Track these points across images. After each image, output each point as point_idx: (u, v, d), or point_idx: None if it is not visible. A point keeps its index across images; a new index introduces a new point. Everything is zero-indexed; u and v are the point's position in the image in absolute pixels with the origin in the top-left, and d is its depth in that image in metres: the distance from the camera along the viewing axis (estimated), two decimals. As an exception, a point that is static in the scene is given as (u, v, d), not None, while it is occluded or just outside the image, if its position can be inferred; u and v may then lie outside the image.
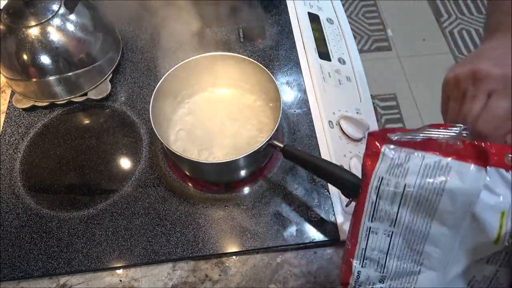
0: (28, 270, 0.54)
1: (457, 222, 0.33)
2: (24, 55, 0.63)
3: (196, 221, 0.57)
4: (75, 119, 0.69)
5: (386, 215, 0.34)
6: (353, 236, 0.37)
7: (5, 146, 0.65)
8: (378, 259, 0.36)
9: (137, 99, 0.70)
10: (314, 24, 0.78)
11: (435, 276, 0.36)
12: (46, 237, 0.56)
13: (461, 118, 0.37)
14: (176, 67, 0.60)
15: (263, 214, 0.57)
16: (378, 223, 0.35)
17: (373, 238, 0.36)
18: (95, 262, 0.54)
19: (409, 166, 0.32)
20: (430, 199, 0.32)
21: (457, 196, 0.31)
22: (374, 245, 0.36)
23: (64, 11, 0.65)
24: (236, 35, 0.78)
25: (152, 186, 0.60)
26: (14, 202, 0.60)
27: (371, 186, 0.34)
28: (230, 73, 0.64)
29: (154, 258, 0.54)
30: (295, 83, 0.71)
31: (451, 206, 0.32)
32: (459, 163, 0.31)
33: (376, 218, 0.35)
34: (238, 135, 0.61)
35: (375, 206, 0.34)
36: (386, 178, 0.33)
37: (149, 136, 0.66)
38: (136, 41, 0.78)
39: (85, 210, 0.59)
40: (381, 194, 0.34)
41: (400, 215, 0.34)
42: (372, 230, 0.35)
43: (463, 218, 0.32)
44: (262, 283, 0.52)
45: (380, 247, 0.36)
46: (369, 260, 0.36)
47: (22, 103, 0.68)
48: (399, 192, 0.33)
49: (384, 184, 0.33)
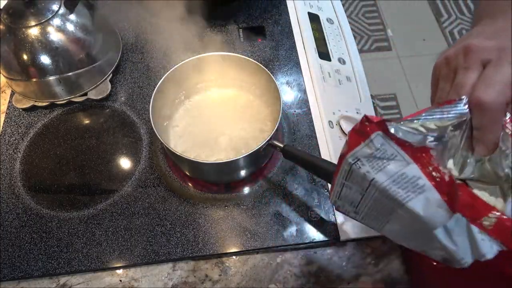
0: (28, 270, 0.54)
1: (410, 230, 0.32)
2: (24, 55, 0.63)
3: (196, 221, 0.57)
4: (75, 119, 0.69)
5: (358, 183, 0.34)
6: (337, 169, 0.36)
7: (5, 146, 0.65)
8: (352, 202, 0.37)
9: (137, 99, 0.70)
10: (314, 24, 0.78)
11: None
12: (46, 237, 0.56)
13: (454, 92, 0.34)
14: (176, 67, 0.60)
15: (263, 214, 0.57)
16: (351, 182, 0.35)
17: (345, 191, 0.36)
18: (95, 262, 0.54)
19: (389, 165, 0.30)
20: (387, 204, 0.31)
21: (412, 218, 0.30)
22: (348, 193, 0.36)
23: (64, 11, 0.65)
24: (236, 35, 0.78)
25: (152, 186, 0.60)
26: (14, 202, 0.60)
27: (346, 161, 0.33)
28: (230, 73, 0.64)
29: (154, 258, 0.54)
30: (295, 83, 0.71)
31: (404, 221, 0.31)
32: (433, 192, 0.29)
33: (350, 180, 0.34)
34: (238, 135, 0.61)
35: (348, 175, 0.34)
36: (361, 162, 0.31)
37: (149, 136, 0.66)
38: (136, 41, 0.78)
39: (85, 210, 0.59)
40: (352, 172, 0.33)
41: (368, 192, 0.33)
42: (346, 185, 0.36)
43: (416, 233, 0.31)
44: (262, 283, 0.52)
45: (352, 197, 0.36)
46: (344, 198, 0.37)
47: (22, 103, 0.68)
48: (366, 180, 0.32)
49: (357, 166, 0.32)
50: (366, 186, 0.32)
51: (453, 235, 0.29)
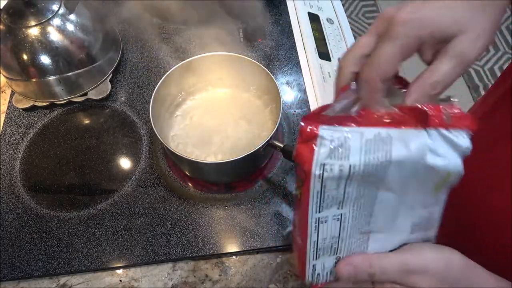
0: (28, 270, 0.54)
1: (403, 186, 0.32)
2: (24, 55, 0.63)
3: (196, 221, 0.57)
4: (75, 119, 0.69)
5: (333, 200, 0.32)
6: (303, 231, 0.34)
7: (5, 146, 0.65)
8: (331, 245, 0.34)
9: (137, 99, 0.70)
10: (314, 24, 0.78)
11: (383, 237, 0.36)
12: (46, 237, 0.56)
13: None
14: (176, 67, 0.60)
15: (263, 214, 0.57)
16: (326, 211, 0.32)
17: (323, 228, 0.33)
18: (95, 262, 0.54)
19: (350, 145, 0.29)
20: (377, 173, 0.30)
21: (405, 163, 0.30)
22: (325, 234, 0.34)
23: (64, 11, 0.65)
24: (236, 35, 0.78)
25: (152, 186, 0.60)
26: (14, 202, 0.60)
27: (314, 176, 0.30)
28: (230, 73, 0.64)
29: (154, 258, 0.54)
30: (295, 83, 0.71)
31: (398, 175, 0.31)
32: (399, 131, 0.30)
33: (324, 206, 0.32)
34: (238, 135, 0.61)
35: (321, 196, 0.31)
36: (329, 163, 0.30)
37: (149, 136, 0.66)
38: (136, 41, 0.78)
39: (85, 210, 0.59)
40: (325, 181, 0.31)
41: (347, 195, 0.32)
42: (321, 220, 0.33)
43: (409, 181, 0.32)
44: (262, 283, 0.52)
45: (332, 233, 0.34)
46: (322, 250, 0.34)
47: (22, 103, 0.69)
48: (344, 174, 0.30)
49: (328, 170, 0.30)
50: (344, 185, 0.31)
51: (438, 152, 0.30)
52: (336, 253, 0.35)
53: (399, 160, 0.30)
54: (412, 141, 0.30)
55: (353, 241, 0.35)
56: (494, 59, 1.93)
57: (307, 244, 0.34)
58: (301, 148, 0.30)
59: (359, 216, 0.33)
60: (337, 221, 0.33)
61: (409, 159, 0.30)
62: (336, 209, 0.32)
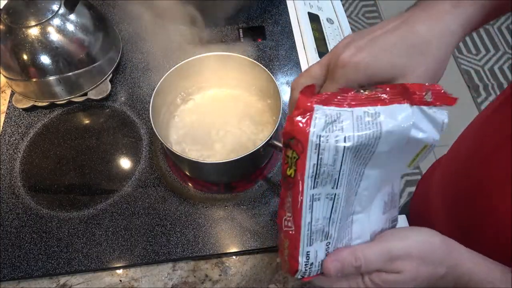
0: (28, 270, 0.54)
1: (387, 160, 0.33)
2: (24, 55, 0.63)
3: (196, 221, 0.57)
4: (75, 119, 0.69)
5: (328, 177, 0.32)
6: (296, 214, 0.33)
7: (5, 146, 0.65)
8: (323, 228, 0.34)
9: (137, 99, 0.70)
10: (314, 24, 0.78)
11: (362, 217, 0.36)
12: (46, 237, 0.56)
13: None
14: (176, 67, 0.60)
15: (263, 214, 0.57)
16: (320, 187, 0.32)
17: (316, 206, 0.33)
18: (95, 262, 0.54)
19: (343, 120, 0.31)
20: (368, 146, 0.31)
21: (394, 134, 0.31)
22: (318, 214, 0.33)
23: (64, 11, 0.65)
24: (236, 35, 0.78)
25: (152, 186, 0.60)
26: (14, 202, 0.60)
27: (311, 146, 0.31)
28: (230, 73, 0.64)
29: (154, 258, 0.54)
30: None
31: (386, 148, 0.32)
32: (385, 107, 0.31)
33: (318, 182, 0.32)
34: (238, 135, 0.61)
35: (317, 170, 0.31)
36: (325, 135, 0.30)
37: (149, 136, 0.66)
38: (136, 41, 0.78)
39: (85, 210, 0.59)
40: (322, 153, 0.31)
41: (342, 173, 0.32)
42: (315, 197, 0.33)
43: (393, 155, 0.33)
44: (262, 283, 0.52)
45: (324, 214, 0.34)
46: (315, 234, 0.34)
47: (22, 103, 0.69)
48: (340, 147, 0.30)
49: (324, 141, 0.30)
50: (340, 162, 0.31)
51: (420, 126, 0.32)
52: (327, 238, 0.35)
53: (388, 130, 0.31)
54: (399, 114, 0.31)
55: (341, 225, 0.35)
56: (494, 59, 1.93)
57: (301, 226, 0.33)
58: (298, 120, 0.31)
59: (349, 197, 0.34)
60: (330, 200, 0.33)
61: (398, 129, 0.31)
62: (331, 188, 0.33)
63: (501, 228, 0.42)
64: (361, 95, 0.32)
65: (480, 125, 0.52)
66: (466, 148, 0.53)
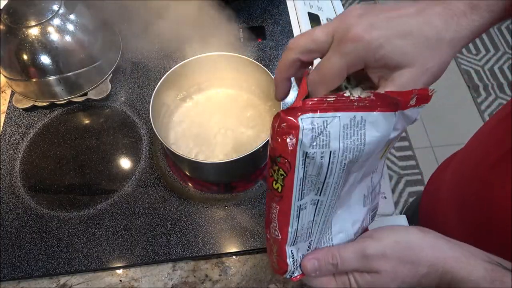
0: (28, 270, 0.54)
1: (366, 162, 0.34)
2: (24, 55, 0.63)
3: (196, 221, 0.57)
4: (75, 119, 0.69)
5: (312, 186, 0.33)
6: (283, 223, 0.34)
7: (5, 146, 0.65)
8: (307, 230, 0.35)
9: (137, 99, 0.70)
10: (314, 24, 0.78)
11: (341, 214, 0.37)
12: (46, 237, 0.56)
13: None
14: (176, 67, 0.60)
15: (263, 214, 0.57)
16: (306, 197, 0.33)
17: (303, 214, 0.34)
18: (95, 262, 0.54)
19: (330, 131, 0.30)
20: (352, 157, 0.32)
21: (375, 144, 0.32)
22: (304, 220, 0.35)
23: (64, 11, 0.65)
24: (236, 35, 0.78)
25: (152, 186, 0.60)
26: (14, 202, 0.60)
27: (298, 164, 0.31)
28: (230, 73, 0.64)
29: (154, 258, 0.54)
30: (295, 83, 0.71)
31: (367, 153, 0.32)
32: (370, 114, 0.31)
33: (304, 194, 0.33)
34: (238, 135, 0.61)
35: (303, 183, 0.32)
36: (311, 152, 0.30)
37: (149, 136, 0.66)
38: (136, 41, 0.78)
39: (85, 210, 0.59)
40: (307, 166, 0.31)
41: (326, 184, 0.33)
42: (301, 207, 0.34)
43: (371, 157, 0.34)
44: (262, 283, 0.52)
45: (309, 218, 0.35)
46: (300, 236, 0.35)
47: (22, 103, 0.69)
48: (325, 162, 0.31)
49: (310, 157, 0.31)
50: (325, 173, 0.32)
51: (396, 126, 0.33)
52: (309, 239, 0.36)
53: (370, 142, 0.31)
54: (382, 123, 0.32)
55: (323, 226, 0.36)
56: (494, 59, 1.93)
57: (288, 233, 0.35)
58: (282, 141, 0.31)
59: (332, 200, 0.35)
60: (314, 205, 0.34)
61: (380, 139, 0.32)
62: (314, 195, 0.34)
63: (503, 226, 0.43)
64: (351, 98, 0.31)
65: (487, 134, 0.52)
66: (474, 155, 0.53)
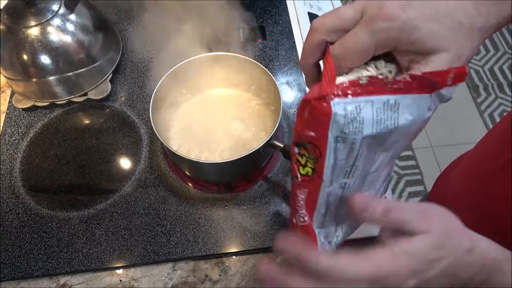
0: (28, 270, 0.54)
1: (395, 143, 0.33)
2: (24, 55, 0.63)
3: (196, 221, 0.57)
4: (75, 119, 0.69)
5: (341, 171, 0.32)
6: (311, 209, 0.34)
7: (5, 146, 0.65)
8: (334, 213, 0.35)
9: (137, 99, 0.70)
10: (314, 24, 0.78)
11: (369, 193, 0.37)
12: (46, 237, 0.56)
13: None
14: (176, 67, 0.60)
15: (263, 214, 0.57)
16: (334, 183, 0.33)
17: (331, 199, 0.34)
18: (95, 262, 0.54)
19: (363, 117, 0.29)
20: (382, 139, 0.31)
21: (408, 126, 0.31)
22: (332, 205, 0.34)
23: (64, 11, 0.65)
24: (236, 35, 0.78)
25: (152, 186, 0.60)
26: (14, 202, 0.60)
27: (329, 151, 0.30)
28: (230, 73, 0.64)
29: (154, 258, 0.54)
30: (295, 83, 0.71)
31: (397, 135, 0.31)
32: (405, 96, 0.30)
33: (334, 180, 0.32)
34: (238, 135, 0.61)
35: (333, 168, 0.32)
36: (342, 138, 0.30)
37: (149, 136, 0.66)
38: (136, 41, 0.78)
39: (85, 210, 0.59)
40: (337, 154, 0.31)
41: (355, 167, 0.32)
42: (330, 193, 0.33)
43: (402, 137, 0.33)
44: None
45: (336, 201, 0.34)
46: (327, 220, 0.35)
47: (22, 103, 0.68)
48: (356, 147, 0.30)
49: (341, 143, 0.30)
50: (353, 158, 0.31)
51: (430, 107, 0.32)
52: (337, 220, 0.36)
53: (403, 126, 0.30)
54: (417, 106, 0.30)
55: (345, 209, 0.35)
56: (494, 59, 1.93)
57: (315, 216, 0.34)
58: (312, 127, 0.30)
59: (359, 181, 0.34)
60: (341, 188, 0.34)
61: (412, 123, 0.31)
62: (342, 178, 0.33)
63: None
64: (385, 81, 0.30)
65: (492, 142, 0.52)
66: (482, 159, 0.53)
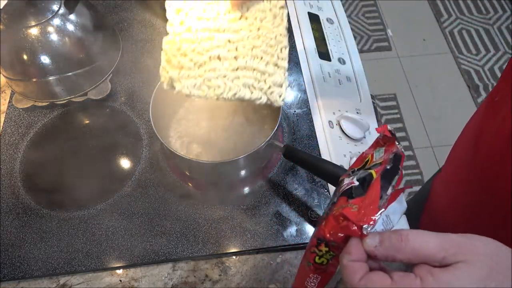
0: (28, 270, 0.54)
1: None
2: (24, 55, 0.63)
3: (196, 221, 0.57)
4: (75, 119, 0.69)
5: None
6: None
7: (5, 146, 0.65)
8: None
9: (137, 99, 0.70)
10: (314, 24, 0.78)
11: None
12: (46, 237, 0.56)
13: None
14: (176, 67, 0.60)
15: (263, 214, 0.57)
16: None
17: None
18: (95, 262, 0.54)
19: (375, 228, 0.33)
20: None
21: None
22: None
23: (64, 11, 0.65)
24: (236, 35, 0.78)
25: (152, 186, 0.60)
26: (14, 202, 0.60)
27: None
28: (230, 73, 0.64)
29: (154, 258, 0.54)
30: (295, 83, 0.71)
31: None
32: (390, 206, 0.34)
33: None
34: (238, 135, 0.61)
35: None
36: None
37: (149, 136, 0.66)
38: (136, 41, 0.78)
39: (85, 210, 0.59)
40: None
41: None
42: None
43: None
44: (262, 283, 0.52)
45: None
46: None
47: (22, 103, 0.68)
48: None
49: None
50: None
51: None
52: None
53: (397, 220, 0.36)
54: (397, 211, 0.36)
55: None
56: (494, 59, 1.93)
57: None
58: (341, 235, 0.33)
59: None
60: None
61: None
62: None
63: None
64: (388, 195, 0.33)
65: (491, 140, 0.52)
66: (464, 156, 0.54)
